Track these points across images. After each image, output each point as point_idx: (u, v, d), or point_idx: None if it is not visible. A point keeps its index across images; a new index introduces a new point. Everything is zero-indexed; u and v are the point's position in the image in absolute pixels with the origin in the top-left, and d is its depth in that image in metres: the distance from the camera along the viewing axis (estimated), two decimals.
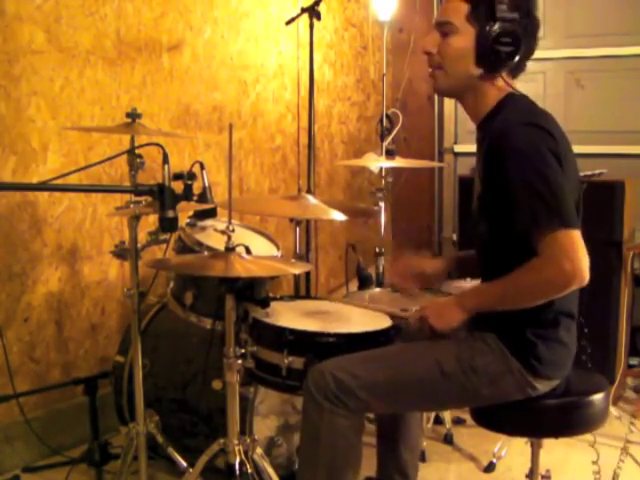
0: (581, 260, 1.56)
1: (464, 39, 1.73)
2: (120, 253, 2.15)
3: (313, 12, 2.74)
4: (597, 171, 3.09)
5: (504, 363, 1.71)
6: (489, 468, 2.57)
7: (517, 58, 1.71)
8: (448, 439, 2.80)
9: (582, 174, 2.98)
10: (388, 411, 1.98)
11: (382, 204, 3.04)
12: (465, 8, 1.72)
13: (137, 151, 2.10)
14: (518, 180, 1.61)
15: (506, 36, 1.69)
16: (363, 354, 1.78)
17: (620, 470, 2.45)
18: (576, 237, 1.58)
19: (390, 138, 3.53)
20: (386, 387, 1.72)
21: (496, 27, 1.68)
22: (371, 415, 2.34)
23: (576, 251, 1.57)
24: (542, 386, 1.73)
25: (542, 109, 1.79)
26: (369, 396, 1.70)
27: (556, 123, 1.75)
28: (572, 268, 1.56)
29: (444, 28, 1.77)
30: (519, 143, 1.62)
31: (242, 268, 1.74)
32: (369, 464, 2.10)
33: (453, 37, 1.75)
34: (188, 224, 2.40)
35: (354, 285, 3.04)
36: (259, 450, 1.94)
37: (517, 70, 1.79)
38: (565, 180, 1.63)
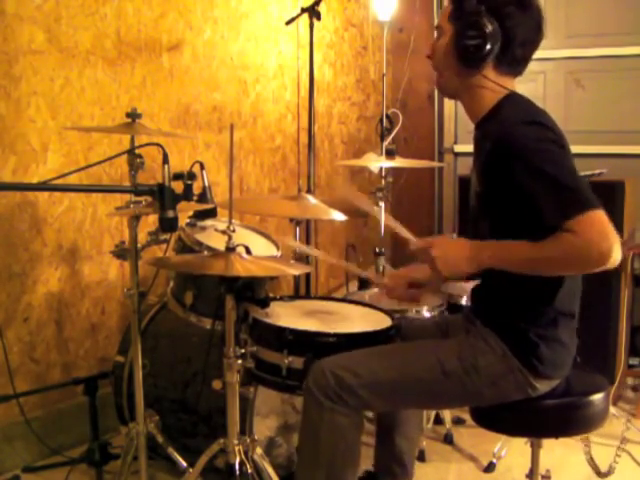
0: (616, 239, 1.53)
1: (446, 39, 1.78)
2: (120, 253, 2.15)
3: (313, 12, 2.74)
4: (597, 171, 3.09)
5: (505, 363, 1.71)
6: (489, 468, 2.57)
7: (486, 50, 1.70)
8: (448, 439, 2.80)
9: (582, 174, 2.99)
10: (388, 409, 1.99)
11: (382, 204, 3.04)
12: (449, 9, 1.78)
13: (137, 151, 2.10)
14: (533, 176, 1.58)
15: (470, 29, 1.70)
16: (364, 352, 1.78)
17: (616, 464, 2.45)
18: (605, 217, 1.55)
19: (390, 138, 3.53)
20: (387, 386, 1.73)
21: (462, 21, 1.71)
22: (370, 414, 2.34)
23: (610, 230, 1.53)
24: (542, 386, 1.73)
25: (541, 109, 1.78)
26: (370, 394, 1.71)
27: (555, 122, 1.75)
28: (609, 247, 1.52)
29: (437, 31, 1.83)
30: (524, 140, 1.62)
31: (242, 268, 1.74)
32: (367, 463, 2.11)
33: (441, 38, 1.80)
34: (188, 224, 2.40)
35: (354, 285, 3.04)
36: (259, 450, 1.94)
37: (510, 67, 1.77)
38: (575, 167, 1.63)
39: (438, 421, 2.87)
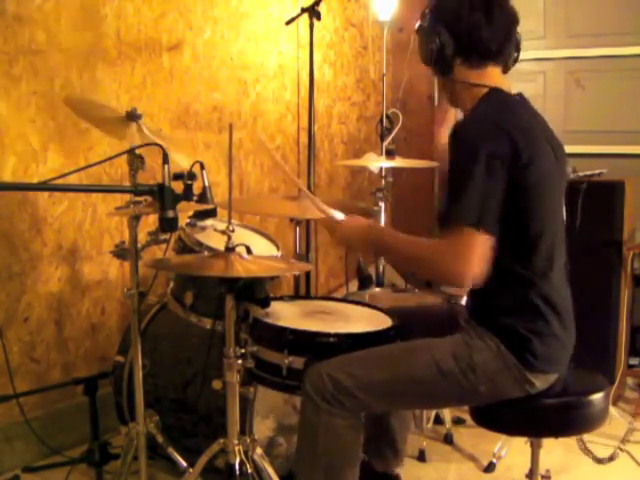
0: (471, 266, 1.60)
1: None
2: (120, 253, 2.15)
3: (313, 12, 2.74)
4: (597, 171, 3.09)
5: (501, 360, 1.72)
6: (489, 468, 2.57)
7: (435, 57, 1.78)
8: (448, 439, 2.80)
9: (582, 174, 3.00)
10: (386, 410, 1.99)
11: (382, 204, 3.04)
12: None
13: (137, 151, 2.10)
14: (450, 171, 1.67)
15: (426, 34, 1.80)
16: (360, 354, 1.78)
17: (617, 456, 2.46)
18: (479, 241, 1.60)
19: (390, 138, 3.53)
20: (384, 387, 1.73)
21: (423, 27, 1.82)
22: None
23: (471, 255, 1.60)
24: (539, 382, 1.73)
25: (516, 106, 1.79)
26: (367, 396, 1.71)
27: (528, 124, 1.74)
28: (460, 272, 1.61)
29: None
30: (464, 137, 1.68)
31: (242, 268, 1.74)
32: None
33: None
34: (188, 224, 2.40)
35: (354, 285, 3.04)
36: (259, 450, 1.94)
37: (488, 59, 1.79)
38: (495, 187, 1.62)
39: (438, 421, 2.87)
